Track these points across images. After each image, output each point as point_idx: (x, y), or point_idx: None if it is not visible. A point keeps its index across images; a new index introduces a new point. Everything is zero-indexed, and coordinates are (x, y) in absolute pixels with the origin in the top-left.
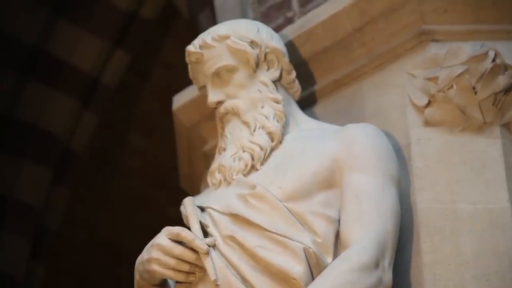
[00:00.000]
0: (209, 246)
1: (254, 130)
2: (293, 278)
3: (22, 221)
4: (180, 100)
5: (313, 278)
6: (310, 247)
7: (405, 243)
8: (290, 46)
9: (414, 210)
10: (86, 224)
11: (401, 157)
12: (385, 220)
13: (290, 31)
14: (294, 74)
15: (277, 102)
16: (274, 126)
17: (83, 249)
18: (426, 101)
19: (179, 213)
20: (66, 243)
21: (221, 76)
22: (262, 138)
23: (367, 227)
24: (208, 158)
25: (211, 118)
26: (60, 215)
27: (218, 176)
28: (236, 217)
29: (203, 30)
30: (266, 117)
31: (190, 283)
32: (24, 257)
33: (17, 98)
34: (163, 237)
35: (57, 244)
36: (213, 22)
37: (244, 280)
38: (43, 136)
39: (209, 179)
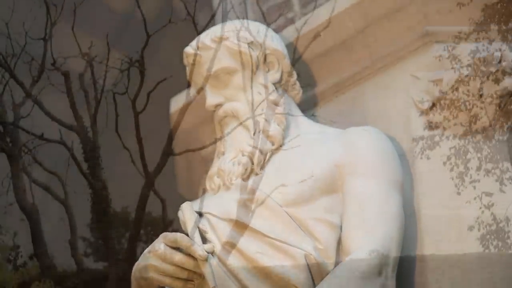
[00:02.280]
0: (208, 253)
1: (253, 134)
2: (294, 285)
3: None
4: (177, 102)
5: (314, 285)
6: (311, 254)
7: (409, 249)
8: (291, 48)
9: (418, 216)
10: None
11: (404, 161)
12: (388, 226)
13: (291, 32)
14: (295, 76)
15: (278, 104)
16: (274, 129)
17: None
18: (430, 104)
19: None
20: None
21: (219, 78)
22: (262, 142)
23: (370, 233)
24: (207, 162)
25: (209, 121)
26: None
27: (217, 180)
28: (235, 223)
29: (202, 31)
30: (266, 120)
31: None
32: None
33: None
34: (161, 244)
35: None
36: (212, 22)
37: (243, 287)
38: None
39: (207, 183)
